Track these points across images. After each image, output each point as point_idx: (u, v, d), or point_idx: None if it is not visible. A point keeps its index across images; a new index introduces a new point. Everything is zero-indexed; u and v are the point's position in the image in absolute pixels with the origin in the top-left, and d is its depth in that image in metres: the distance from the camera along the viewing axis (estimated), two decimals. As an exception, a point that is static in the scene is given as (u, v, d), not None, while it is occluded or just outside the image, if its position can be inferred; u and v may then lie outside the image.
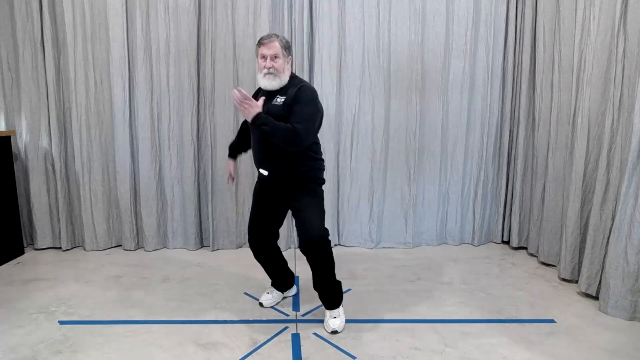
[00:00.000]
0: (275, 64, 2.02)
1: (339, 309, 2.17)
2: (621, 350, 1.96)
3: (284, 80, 2.07)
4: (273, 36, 2.06)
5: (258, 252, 2.31)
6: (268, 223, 2.27)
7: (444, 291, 2.59)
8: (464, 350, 1.95)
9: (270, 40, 2.03)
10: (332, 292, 2.15)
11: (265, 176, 2.13)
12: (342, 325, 2.13)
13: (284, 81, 2.07)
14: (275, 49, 2.01)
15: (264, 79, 2.05)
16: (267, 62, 2.02)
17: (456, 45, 3.23)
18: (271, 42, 2.02)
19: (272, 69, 2.02)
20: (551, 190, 2.94)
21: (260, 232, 2.27)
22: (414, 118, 3.24)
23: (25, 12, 3.04)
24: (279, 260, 2.38)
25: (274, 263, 2.37)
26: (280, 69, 2.03)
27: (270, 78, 2.03)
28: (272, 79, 2.03)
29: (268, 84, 2.04)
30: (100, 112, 3.18)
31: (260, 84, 2.09)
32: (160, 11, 3.06)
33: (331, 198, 3.26)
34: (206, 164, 3.22)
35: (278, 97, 2.04)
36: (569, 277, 2.68)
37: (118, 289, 2.59)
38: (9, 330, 2.11)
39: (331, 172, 3.23)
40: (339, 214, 3.39)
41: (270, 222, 2.28)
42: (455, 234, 3.45)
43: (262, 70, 2.04)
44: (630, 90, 2.32)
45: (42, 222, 3.23)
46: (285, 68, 2.06)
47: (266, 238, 2.29)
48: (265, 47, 2.02)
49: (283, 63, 2.05)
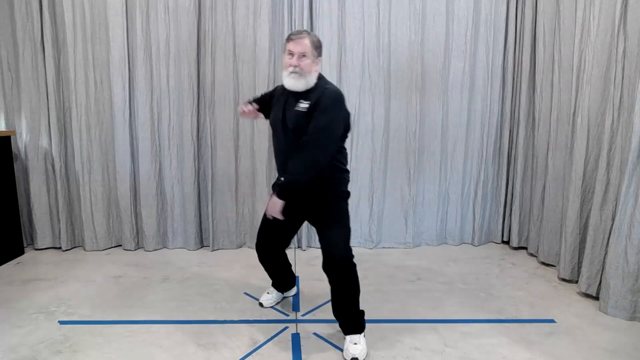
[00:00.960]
0: (302, 62, 1.85)
1: (360, 335, 1.94)
2: (621, 350, 1.96)
3: (310, 83, 1.89)
4: (304, 32, 1.89)
5: (265, 258, 2.26)
6: (282, 234, 2.17)
7: (444, 291, 2.59)
8: (464, 350, 1.95)
9: (300, 37, 1.86)
10: (353, 319, 1.94)
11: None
12: (364, 353, 1.87)
13: (310, 83, 1.89)
14: (304, 46, 1.85)
15: (288, 77, 1.88)
16: (294, 59, 1.85)
17: (456, 45, 3.23)
18: (301, 39, 1.86)
19: (298, 68, 1.85)
20: (551, 190, 2.94)
21: (272, 243, 2.18)
22: (414, 118, 3.24)
23: (25, 12, 3.04)
24: (284, 264, 2.33)
25: (279, 267, 2.33)
26: (306, 70, 1.86)
27: (294, 77, 1.86)
28: (296, 79, 1.87)
29: (292, 84, 1.88)
30: (100, 112, 3.18)
31: (284, 83, 1.93)
32: (160, 11, 3.06)
33: (331, 198, 3.26)
34: (206, 164, 3.22)
35: (302, 102, 1.87)
36: (569, 277, 2.68)
37: (118, 289, 2.59)
38: (9, 330, 2.11)
39: (331, 172, 3.23)
40: (339, 214, 3.39)
41: (284, 234, 2.17)
42: (455, 234, 3.45)
43: (287, 68, 1.87)
44: (630, 90, 2.32)
45: (42, 222, 3.23)
46: (313, 69, 1.89)
47: (276, 248, 2.22)
48: (294, 43, 1.86)
49: (311, 64, 1.87)
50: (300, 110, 1.87)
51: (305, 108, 1.87)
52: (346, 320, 1.96)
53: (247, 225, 3.33)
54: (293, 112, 1.90)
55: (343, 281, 1.90)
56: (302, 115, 1.86)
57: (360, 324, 1.96)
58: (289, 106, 1.93)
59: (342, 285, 1.90)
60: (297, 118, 1.88)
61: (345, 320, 1.96)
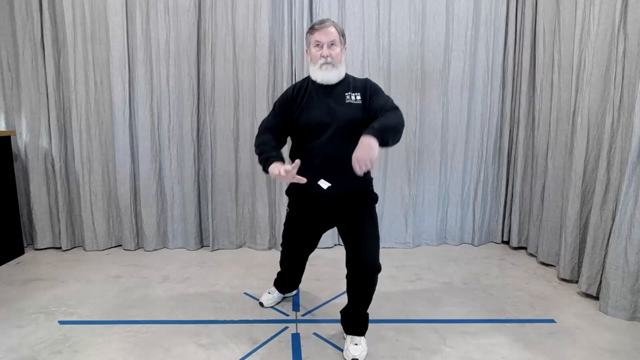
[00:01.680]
0: (333, 52, 1.75)
1: (361, 337, 1.93)
2: (621, 350, 1.96)
3: (342, 73, 1.81)
4: (328, 21, 1.80)
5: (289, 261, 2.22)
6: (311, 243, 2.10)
7: (444, 291, 2.59)
8: (464, 350, 1.95)
9: (325, 25, 1.77)
10: (360, 320, 1.93)
11: (324, 190, 1.79)
12: (365, 354, 1.87)
13: (342, 74, 1.81)
14: (332, 35, 1.76)
15: (319, 70, 1.77)
16: (324, 49, 1.74)
17: (456, 45, 3.24)
18: (327, 28, 1.76)
19: (330, 58, 1.75)
20: (551, 190, 2.94)
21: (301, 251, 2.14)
22: (414, 118, 3.24)
23: (25, 12, 3.04)
24: (302, 269, 2.31)
25: (297, 271, 2.30)
26: (338, 59, 1.77)
27: (327, 69, 1.76)
28: (329, 70, 1.77)
29: (325, 76, 1.77)
30: (100, 112, 3.18)
31: (316, 77, 1.81)
32: (160, 11, 3.06)
33: (331, 198, 3.26)
34: (206, 164, 3.22)
35: (350, 93, 1.78)
36: (569, 277, 2.68)
37: (118, 289, 2.59)
38: (9, 330, 2.11)
39: (331, 172, 3.23)
40: (339, 214, 3.39)
41: (313, 241, 2.10)
42: (455, 234, 3.45)
43: (318, 60, 1.77)
44: (630, 90, 2.32)
45: (42, 222, 3.23)
46: (342, 58, 1.81)
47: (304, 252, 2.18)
48: (321, 32, 1.76)
49: (341, 52, 1.78)
50: (355, 103, 1.78)
51: (359, 99, 1.78)
52: (353, 322, 1.95)
53: (247, 225, 3.33)
54: (345, 105, 1.78)
55: (370, 290, 1.85)
56: (359, 107, 1.77)
57: (365, 326, 1.95)
58: (333, 102, 1.79)
59: (366, 293, 1.86)
60: (354, 112, 1.77)
61: (352, 322, 1.95)
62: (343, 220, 1.89)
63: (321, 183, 1.79)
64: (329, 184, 1.79)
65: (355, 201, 1.86)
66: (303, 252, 2.19)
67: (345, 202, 1.86)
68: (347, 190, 1.83)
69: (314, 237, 2.10)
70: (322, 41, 1.76)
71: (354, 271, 1.82)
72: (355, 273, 1.82)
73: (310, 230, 2.05)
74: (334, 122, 1.78)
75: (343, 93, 1.80)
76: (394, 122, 1.66)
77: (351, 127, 1.76)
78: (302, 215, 2.01)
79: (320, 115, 1.80)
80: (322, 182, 1.79)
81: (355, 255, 1.81)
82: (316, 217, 1.96)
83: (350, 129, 1.76)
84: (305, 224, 2.02)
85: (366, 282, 1.82)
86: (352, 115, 1.77)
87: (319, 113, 1.81)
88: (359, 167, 1.53)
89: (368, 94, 1.79)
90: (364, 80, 1.88)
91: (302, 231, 2.06)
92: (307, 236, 2.08)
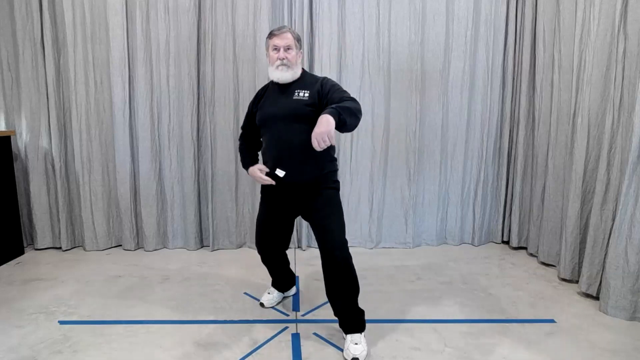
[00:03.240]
0: (289, 55, 1.96)
1: (361, 335, 1.95)
2: (621, 350, 1.96)
3: (297, 73, 2.01)
4: (285, 27, 2.01)
5: (267, 258, 2.28)
6: (280, 233, 2.19)
7: (444, 291, 2.59)
8: (464, 350, 1.95)
9: (282, 32, 1.98)
10: (354, 316, 1.96)
11: (281, 178, 1.96)
12: (365, 353, 1.88)
13: (297, 74, 2.01)
14: (288, 39, 1.97)
15: (276, 70, 1.97)
16: (281, 53, 1.95)
17: (456, 45, 3.24)
18: (284, 33, 1.97)
19: (286, 60, 1.95)
20: (551, 190, 2.94)
21: (272, 241, 2.20)
22: (414, 118, 3.24)
23: (25, 12, 3.04)
24: (285, 263, 2.36)
25: (281, 267, 2.35)
26: (293, 61, 1.98)
27: (283, 70, 1.96)
28: (285, 71, 1.97)
29: (281, 75, 1.97)
30: (100, 112, 3.18)
31: (273, 77, 2.01)
32: (160, 11, 3.06)
33: (331, 198, 3.26)
34: (206, 164, 3.22)
35: (299, 91, 1.97)
36: (569, 277, 2.68)
37: (118, 289, 2.59)
38: (9, 330, 2.11)
39: (331, 172, 3.24)
40: (339, 214, 3.39)
41: (282, 232, 2.20)
42: (455, 234, 3.45)
43: (275, 62, 1.97)
44: (630, 90, 2.32)
45: (42, 222, 3.23)
46: (297, 60, 2.01)
47: (277, 247, 2.25)
48: (278, 38, 1.97)
49: (296, 55, 1.99)
50: (301, 99, 1.95)
51: (306, 96, 1.95)
52: (346, 318, 1.97)
53: (247, 225, 3.33)
54: (292, 100, 1.96)
55: (347, 277, 1.92)
56: (304, 103, 1.93)
57: (361, 322, 1.97)
58: (284, 98, 1.98)
59: (345, 282, 1.92)
60: (298, 105, 1.93)
61: (346, 318, 1.97)
62: (306, 211, 2.03)
63: (277, 172, 1.96)
64: (284, 172, 1.95)
65: (315, 190, 1.99)
66: (274, 244, 2.23)
67: (305, 191, 1.99)
68: (302, 178, 1.97)
69: (282, 227, 2.19)
70: (279, 45, 1.96)
71: (327, 261, 1.92)
72: (330, 262, 1.92)
73: (276, 220, 2.14)
74: (282, 114, 1.96)
75: (294, 91, 1.99)
76: (351, 105, 1.79)
77: (296, 120, 1.93)
78: (268, 205, 2.15)
79: (270, 109, 2.02)
80: (278, 171, 1.96)
81: (322, 246, 1.93)
82: (280, 206, 2.10)
83: (295, 121, 1.93)
84: (271, 213, 2.14)
85: (342, 269, 1.90)
86: (296, 109, 1.93)
87: (270, 108, 2.02)
88: (317, 142, 1.65)
89: (321, 90, 1.94)
90: (320, 78, 2.03)
91: (269, 220, 2.16)
92: (274, 226, 2.16)
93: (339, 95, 1.88)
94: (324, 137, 1.63)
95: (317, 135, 1.64)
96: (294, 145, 1.92)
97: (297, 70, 2.01)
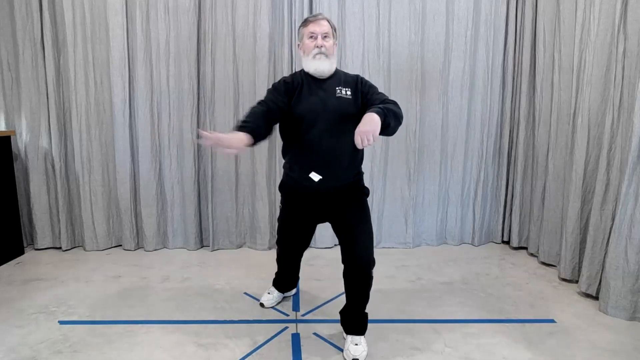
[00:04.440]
0: (327, 43, 1.80)
1: (361, 337, 1.93)
2: (621, 350, 1.96)
3: (334, 67, 1.85)
4: (320, 14, 1.86)
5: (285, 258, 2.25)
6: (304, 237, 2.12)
7: (444, 291, 2.59)
8: (464, 350, 1.95)
9: (318, 18, 1.83)
10: (359, 319, 1.94)
11: (315, 182, 1.81)
12: (365, 354, 1.87)
13: (334, 67, 1.85)
14: (325, 27, 1.81)
15: (314, 61, 1.79)
16: (319, 40, 1.78)
17: (456, 45, 3.23)
18: (320, 20, 1.82)
19: (324, 49, 1.78)
20: (551, 190, 2.94)
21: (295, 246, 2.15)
22: (414, 118, 3.24)
23: (25, 12, 3.04)
24: (297, 265, 2.33)
25: (292, 268, 2.32)
26: (331, 51, 1.81)
27: (322, 59, 1.79)
28: (324, 60, 1.79)
29: (319, 66, 1.80)
30: (100, 112, 3.17)
31: (309, 68, 1.83)
32: (160, 11, 3.06)
33: (331, 198, 3.26)
34: (206, 164, 3.22)
35: (341, 88, 1.80)
36: (569, 277, 2.68)
37: (118, 289, 2.59)
38: (9, 330, 2.11)
39: (331, 172, 3.24)
40: (339, 214, 3.39)
41: (307, 236, 2.12)
42: (455, 234, 3.45)
43: (312, 50, 1.80)
44: (630, 90, 2.32)
45: (42, 222, 3.23)
46: (334, 51, 1.85)
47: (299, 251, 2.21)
48: (315, 24, 1.81)
49: (333, 45, 1.83)
50: (345, 97, 1.81)
51: (349, 94, 1.81)
52: (352, 322, 1.95)
53: (247, 225, 3.33)
54: (336, 98, 1.81)
55: (364, 285, 1.86)
56: (348, 102, 1.81)
57: (364, 325, 1.96)
58: (326, 95, 1.81)
59: (363, 290, 1.87)
60: (343, 104, 1.80)
61: (351, 322, 1.95)
62: (336, 216, 1.91)
63: (312, 175, 1.81)
64: (320, 177, 1.80)
65: (347, 196, 1.88)
66: (298, 248, 2.20)
67: (336, 196, 1.88)
68: (337, 183, 1.84)
69: (308, 232, 2.12)
70: (317, 32, 1.80)
71: (349, 266, 1.84)
72: (351, 268, 1.84)
73: (303, 225, 2.06)
74: (325, 114, 1.79)
75: (334, 87, 1.83)
76: (395, 109, 1.70)
77: (341, 120, 1.79)
78: (295, 210, 2.02)
79: (313, 106, 1.81)
80: (313, 175, 1.81)
81: (350, 250, 1.83)
82: (309, 212, 1.97)
83: (341, 122, 1.79)
84: (299, 218, 2.03)
85: (362, 277, 1.84)
86: (342, 109, 1.80)
87: (312, 104, 1.82)
88: (361, 140, 1.54)
89: (360, 88, 1.83)
90: (355, 76, 1.91)
91: (296, 226, 2.07)
92: (301, 231, 2.09)
93: (380, 97, 1.78)
94: (368, 136, 1.53)
95: (363, 133, 1.53)
96: (334, 148, 1.77)
97: (334, 62, 1.85)
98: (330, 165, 1.80)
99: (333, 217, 1.93)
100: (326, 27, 1.82)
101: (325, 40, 1.81)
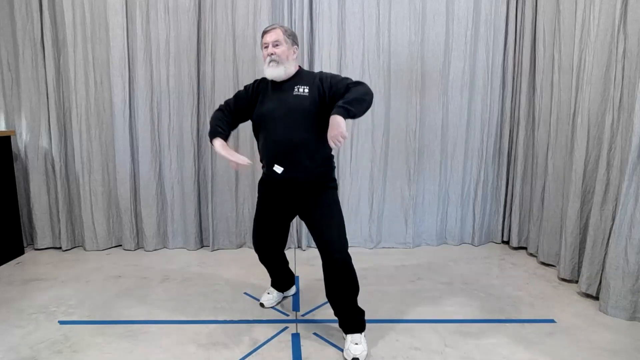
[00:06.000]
0: (277, 50, 1.92)
1: (361, 335, 1.95)
2: (621, 350, 1.96)
3: (289, 70, 1.96)
4: (275, 24, 2.01)
5: (265, 258, 2.27)
6: (276, 232, 2.17)
7: (444, 291, 2.59)
8: (464, 350, 1.95)
9: (271, 28, 1.97)
10: (354, 317, 1.96)
11: (279, 174, 1.94)
12: (365, 353, 1.88)
13: (290, 71, 1.97)
14: (275, 35, 1.94)
15: (268, 68, 1.95)
16: (269, 48, 1.93)
17: (456, 45, 3.24)
18: (272, 30, 1.96)
19: (275, 56, 1.92)
20: (551, 190, 2.94)
21: (269, 241, 2.19)
22: (414, 118, 3.24)
23: (25, 12, 3.04)
24: (283, 263, 2.35)
25: (279, 266, 2.34)
26: (283, 56, 1.93)
27: (273, 66, 1.93)
28: (275, 67, 1.93)
29: (271, 72, 1.94)
30: (100, 112, 3.18)
31: (266, 74, 1.99)
32: (160, 11, 3.06)
33: (331, 198, 3.26)
34: (206, 164, 3.22)
35: (299, 86, 1.94)
36: (569, 277, 2.68)
37: (118, 289, 2.59)
38: (9, 330, 2.11)
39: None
40: (339, 214, 3.39)
41: (279, 231, 2.18)
42: (455, 234, 3.45)
43: (265, 59, 1.96)
44: (630, 90, 2.32)
45: (42, 222, 3.23)
46: (289, 57, 1.96)
47: (275, 246, 2.23)
48: (267, 34, 1.96)
49: (286, 50, 1.95)
50: (302, 95, 1.93)
51: (306, 92, 1.93)
52: (346, 319, 1.97)
53: (247, 225, 3.33)
54: (292, 96, 1.94)
55: (347, 278, 1.92)
56: (305, 98, 1.92)
57: (361, 322, 1.97)
58: (283, 95, 1.95)
59: (345, 282, 1.92)
60: (298, 101, 1.91)
61: (346, 319, 1.97)
62: (304, 210, 2.01)
63: (275, 168, 1.95)
64: (282, 168, 1.94)
65: (313, 189, 1.97)
66: (272, 243, 2.21)
67: (304, 189, 1.97)
68: (301, 175, 1.95)
69: (278, 226, 2.16)
70: (268, 41, 1.96)
71: (328, 261, 1.92)
72: (330, 263, 1.92)
73: (274, 218, 2.12)
74: (282, 111, 1.93)
75: (293, 87, 1.96)
76: (357, 94, 1.80)
77: (298, 116, 1.91)
78: (266, 202, 2.12)
79: (271, 106, 1.97)
80: (276, 167, 1.95)
81: (322, 248, 1.92)
82: (278, 203, 2.06)
83: (298, 118, 1.91)
84: (269, 211, 2.11)
85: (342, 269, 1.90)
86: (298, 106, 1.91)
87: (270, 105, 1.98)
88: (334, 143, 1.70)
89: (321, 85, 1.92)
90: (315, 73, 2.02)
91: (266, 219, 2.13)
92: (273, 225, 2.14)
93: (343, 84, 1.88)
94: (338, 138, 1.68)
95: (333, 137, 1.69)
96: (294, 141, 1.90)
97: (289, 67, 1.96)
98: (289, 156, 1.92)
99: (302, 211, 2.03)
100: (276, 35, 1.95)
101: (276, 48, 1.94)
